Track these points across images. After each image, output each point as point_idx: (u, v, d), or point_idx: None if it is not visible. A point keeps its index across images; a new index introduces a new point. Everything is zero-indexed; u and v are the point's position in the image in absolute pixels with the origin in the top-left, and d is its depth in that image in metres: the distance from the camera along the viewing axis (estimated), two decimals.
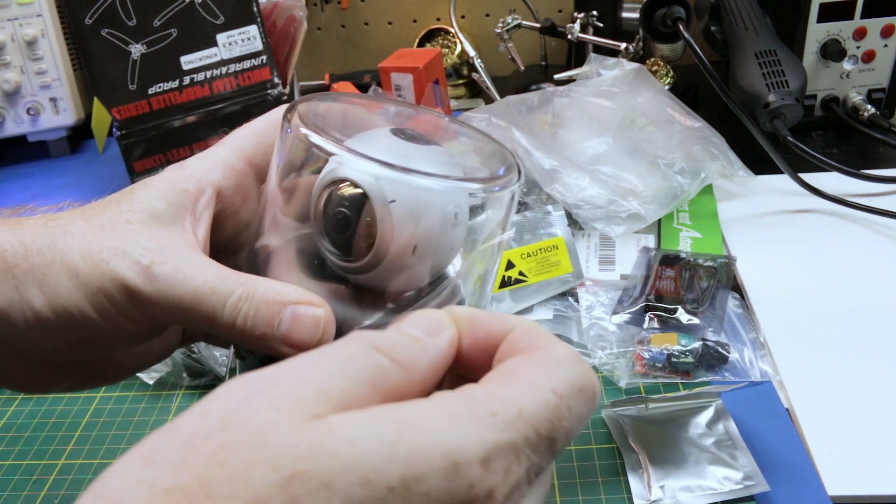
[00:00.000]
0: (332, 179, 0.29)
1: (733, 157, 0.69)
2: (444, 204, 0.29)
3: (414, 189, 0.28)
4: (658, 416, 0.45)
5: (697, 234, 0.65)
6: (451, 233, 0.29)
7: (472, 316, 0.25)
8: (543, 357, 0.23)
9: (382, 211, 0.28)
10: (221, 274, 0.29)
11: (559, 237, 0.60)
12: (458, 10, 1.06)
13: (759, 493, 0.40)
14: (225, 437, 0.19)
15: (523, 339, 0.24)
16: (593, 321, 0.55)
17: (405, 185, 0.28)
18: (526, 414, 0.21)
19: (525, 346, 0.23)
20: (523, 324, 0.24)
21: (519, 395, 0.21)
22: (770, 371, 0.50)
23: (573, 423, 0.22)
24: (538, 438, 0.21)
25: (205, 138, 0.78)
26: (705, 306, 0.54)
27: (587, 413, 0.22)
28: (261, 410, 0.20)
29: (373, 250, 0.28)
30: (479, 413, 0.20)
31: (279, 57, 0.83)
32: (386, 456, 0.19)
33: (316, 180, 0.29)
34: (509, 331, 0.24)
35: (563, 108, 0.73)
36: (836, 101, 0.81)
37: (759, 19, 0.77)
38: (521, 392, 0.21)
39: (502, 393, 0.21)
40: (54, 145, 0.97)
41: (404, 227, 0.28)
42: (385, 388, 0.22)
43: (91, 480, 0.20)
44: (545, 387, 0.22)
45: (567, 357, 0.23)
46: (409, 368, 0.23)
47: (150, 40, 0.75)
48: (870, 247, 0.62)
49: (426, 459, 0.19)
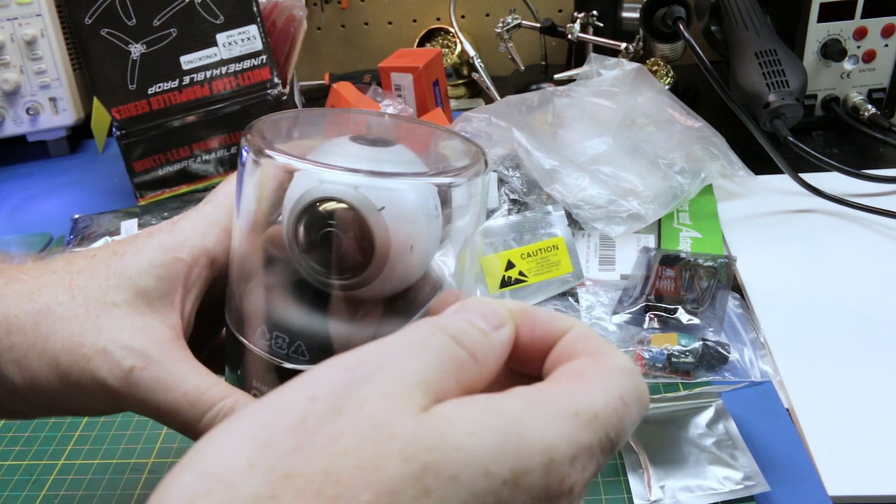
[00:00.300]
0: (311, 200, 0.28)
1: (733, 157, 0.69)
2: (426, 199, 0.28)
3: (398, 192, 0.28)
4: (658, 416, 0.45)
5: (697, 234, 0.65)
6: (435, 225, 0.29)
7: (528, 311, 0.25)
8: (610, 364, 0.23)
9: (376, 221, 0.27)
10: (202, 386, 0.29)
11: (559, 237, 0.60)
12: (458, 10, 1.06)
13: (759, 494, 0.40)
14: (343, 425, 0.19)
15: (582, 342, 0.24)
16: (593, 321, 0.55)
17: (389, 190, 0.27)
18: (601, 417, 0.22)
19: (586, 349, 0.24)
20: (580, 326, 0.25)
21: (595, 399, 0.22)
22: (770, 371, 0.50)
23: (631, 428, 0.23)
24: (607, 441, 0.22)
25: (205, 138, 0.78)
26: (705, 306, 0.54)
27: (639, 420, 0.24)
28: (374, 398, 0.20)
29: (372, 262, 0.28)
30: (566, 412, 0.21)
31: (279, 57, 0.83)
32: (500, 449, 0.20)
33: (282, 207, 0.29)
34: (565, 331, 0.25)
35: (563, 108, 0.73)
36: (837, 101, 0.81)
37: (760, 19, 0.77)
38: (596, 396, 0.22)
39: (581, 395, 0.22)
40: (54, 145, 0.97)
41: (398, 231, 0.28)
42: (464, 383, 0.22)
43: (91, 480, 0.19)
44: (616, 393, 0.22)
45: (629, 366, 0.24)
46: (482, 364, 0.23)
47: (150, 40, 0.75)
48: (870, 247, 0.62)
49: (530, 454, 0.20)
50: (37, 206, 0.85)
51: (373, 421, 0.20)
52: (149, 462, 0.46)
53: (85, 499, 0.44)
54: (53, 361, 0.29)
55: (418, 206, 0.28)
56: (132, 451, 0.47)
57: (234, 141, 0.79)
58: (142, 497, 0.44)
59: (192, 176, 0.80)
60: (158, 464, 0.46)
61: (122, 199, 0.82)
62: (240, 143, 0.29)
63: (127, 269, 0.30)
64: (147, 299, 0.30)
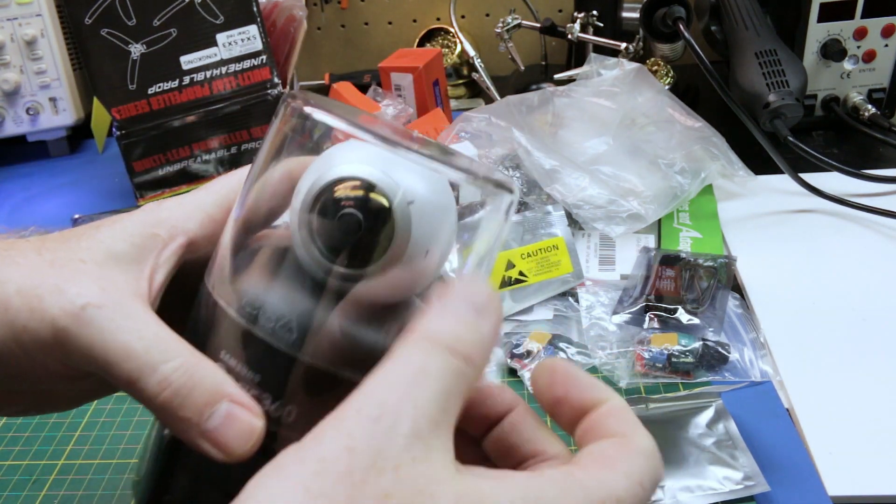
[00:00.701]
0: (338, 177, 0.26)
1: (733, 157, 0.69)
2: (451, 205, 0.27)
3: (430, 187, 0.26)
4: (658, 416, 0.45)
5: (697, 234, 0.65)
6: (453, 236, 0.28)
7: (572, 375, 0.27)
8: (635, 448, 0.25)
9: (402, 213, 0.25)
10: (163, 337, 0.27)
11: (559, 237, 0.60)
12: (458, 10, 1.06)
13: (759, 494, 0.40)
14: (386, 486, 0.21)
15: (614, 421, 0.26)
16: (593, 321, 0.55)
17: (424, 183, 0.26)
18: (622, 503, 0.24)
19: (617, 430, 0.25)
20: (615, 401, 0.26)
21: (617, 485, 0.24)
22: (770, 371, 0.50)
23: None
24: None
25: (204, 138, 0.78)
26: (705, 306, 0.54)
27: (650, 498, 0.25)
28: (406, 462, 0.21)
29: (384, 257, 0.26)
30: (591, 499, 0.23)
31: (279, 57, 0.83)
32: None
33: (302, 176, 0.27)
34: (602, 402, 0.26)
35: (563, 108, 0.73)
36: (837, 101, 0.81)
37: (760, 19, 0.77)
38: (619, 482, 0.24)
39: (605, 481, 0.24)
40: (54, 145, 0.97)
41: (421, 230, 0.26)
42: (466, 392, 0.24)
43: (91, 480, 0.20)
44: (636, 479, 0.24)
45: (651, 449, 0.25)
46: (478, 367, 0.24)
47: (150, 40, 0.75)
48: (870, 247, 0.62)
49: None
50: (37, 206, 0.86)
51: (412, 486, 0.21)
52: None
53: (85, 499, 0.44)
54: (4, 305, 0.27)
55: (445, 210, 0.27)
56: (132, 451, 0.47)
57: (233, 141, 0.79)
58: None
59: (192, 176, 0.80)
60: None
61: (122, 199, 0.82)
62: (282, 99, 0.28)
63: (100, 235, 0.29)
64: (116, 260, 0.28)
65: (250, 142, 0.79)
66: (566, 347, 0.52)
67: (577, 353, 0.52)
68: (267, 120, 0.79)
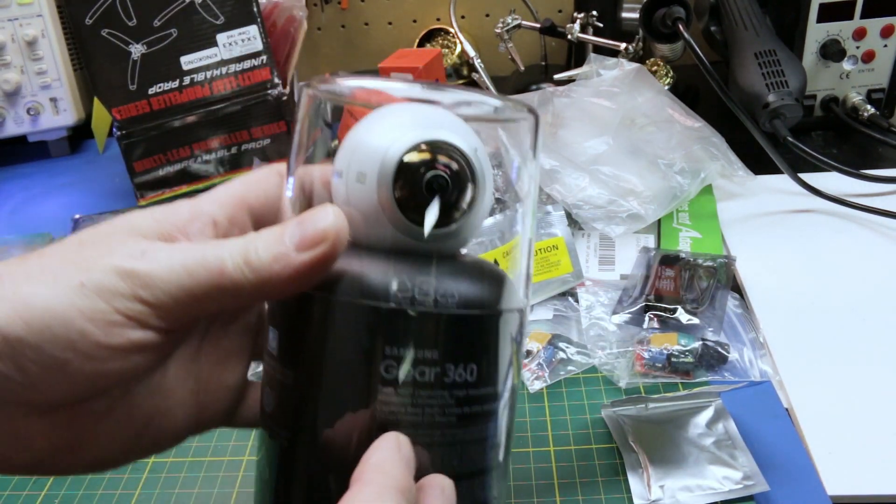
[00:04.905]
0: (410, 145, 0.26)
1: (733, 157, 0.70)
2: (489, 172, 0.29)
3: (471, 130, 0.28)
4: (658, 416, 0.45)
5: (697, 234, 0.65)
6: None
7: None
8: None
9: (477, 162, 0.27)
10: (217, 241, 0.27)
11: (559, 237, 0.61)
12: (458, 10, 1.06)
13: (758, 493, 0.40)
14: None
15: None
16: (593, 321, 0.55)
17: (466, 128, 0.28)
18: None
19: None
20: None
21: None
22: (770, 371, 0.50)
23: None
24: None
25: (205, 138, 0.79)
26: (705, 306, 0.54)
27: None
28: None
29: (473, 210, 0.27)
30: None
31: (279, 57, 0.83)
32: None
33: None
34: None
35: (563, 108, 0.73)
36: (836, 102, 0.81)
37: (759, 19, 0.77)
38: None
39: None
40: (54, 145, 0.97)
41: (486, 171, 0.28)
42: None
43: (91, 480, 0.20)
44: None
45: None
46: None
47: (150, 40, 0.75)
48: (870, 247, 0.62)
49: None
50: (37, 207, 0.86)
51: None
52: (149, 462, 0.46)
53: (85, 499, 0.44)
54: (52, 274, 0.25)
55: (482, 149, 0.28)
56: None
57: (234, 141, 0.79)
58: (142, 497, 0.44)
59: (192, 176, 0.80)
60: (159, 464, 0.46)
61: (123, 199, 0.83)
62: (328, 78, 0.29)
63: (120, 219, 0.29)
64: (144, 234, 0.28)
65: (250, 142, 0.79)
66: (566, 347, 0.52)
67: (576, 353, 0.52)
68: (267, 120, 0.80)
